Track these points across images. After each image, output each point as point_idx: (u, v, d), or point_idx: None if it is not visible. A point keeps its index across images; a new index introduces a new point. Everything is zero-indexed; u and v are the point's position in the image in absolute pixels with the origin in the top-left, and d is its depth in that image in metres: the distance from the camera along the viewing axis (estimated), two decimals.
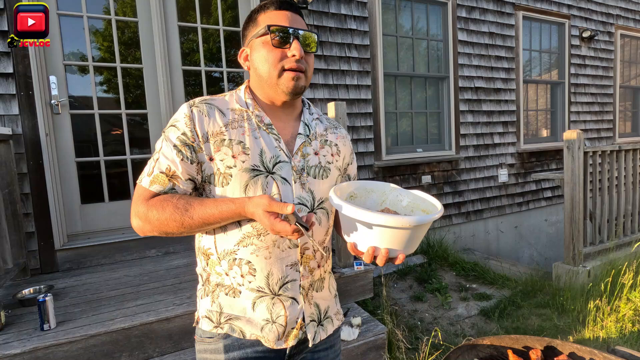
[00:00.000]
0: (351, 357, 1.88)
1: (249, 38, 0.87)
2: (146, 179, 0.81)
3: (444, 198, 4.13)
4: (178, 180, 0.81)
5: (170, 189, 0.81)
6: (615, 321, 2.34)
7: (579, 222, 2.91)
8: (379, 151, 3.69)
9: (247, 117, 0.86)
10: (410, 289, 3.23)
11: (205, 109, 0.83)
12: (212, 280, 0.88)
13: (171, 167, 0.80)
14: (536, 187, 4.87)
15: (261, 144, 0.84)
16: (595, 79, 5.40)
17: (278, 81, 0.83)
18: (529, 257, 4.82)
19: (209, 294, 0.88)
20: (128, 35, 2.80)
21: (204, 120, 0.81)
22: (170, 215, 0.77)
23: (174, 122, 0.82)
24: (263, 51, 0.83)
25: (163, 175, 0.80)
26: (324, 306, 0.94)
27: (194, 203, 0.78)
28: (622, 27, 5.61)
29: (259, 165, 0.82)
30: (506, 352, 1.12)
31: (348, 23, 3.47)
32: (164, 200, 0.78)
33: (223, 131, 0.82)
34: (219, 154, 0.81)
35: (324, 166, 0.91)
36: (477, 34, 4.26)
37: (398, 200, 0.89)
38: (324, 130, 0.96)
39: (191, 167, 0.81)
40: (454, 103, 4.13)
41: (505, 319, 2.66)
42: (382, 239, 0.71)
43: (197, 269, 0.93)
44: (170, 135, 0.81)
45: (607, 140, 5.63)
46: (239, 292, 0.85)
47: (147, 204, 0.79)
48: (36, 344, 1.58)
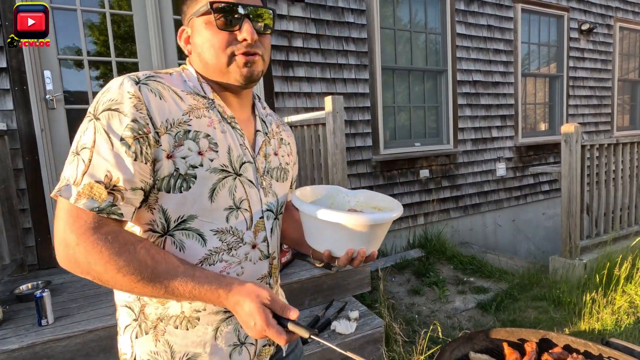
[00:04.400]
0: (349, 350, 1.90)
1: (189, 15, 0.70)
2: (72, 190, 0.56)
3: (442, 192, 4.14)
4: (121, 192, 0.58)
5: (109, 206, 0.57)
6: (610, 313, 2.36)
7: (576, 215, 2.92)
8: (376, 145, 3.69)
9: (208, 104, 0.69)
10: (408, 283, 3.25)
11: (159, 89, 0.63)
12: (149, 312, 0.68)
13: (112, 172, 0.57)
14: (534, 181, 4.88)
15: (229, 140, 0.69)
16: (593, 72, 5.38)
17: (228, 69, 0.68)
18: (526, 250, 4.84)
19: (148, 331, 0.68)
20: (124, 29, 2.77)
21: (159, 104, 0.62)
22: (128, 272, 0.56)
23: (113, 105, 0.59)
24: (206, 34, 0.67)
25: (100, 185, 0.57)
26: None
27: (163, 260, 0.59)
28: (621, 19, 5.58)
29: (228, 165, 0.68)
30: (501, 344, 1.12)
31: (345, 16, 3.44)
32: (124, 245, 0.57)
33: (186, 120, 0.64)
34: (181, 149, 0.63)
35: (283, 168, 0.82)
36: (475, 27, 4.23)
37: (345, 201, 0.87)
38: (276, 127, 0.86)
39: (145, 170, 0.60)
40: (452, 97, 4.12)
41: (502, 312, 2.67)
42: (361, 240, 0.69)
43: (119, 297, 0.71)
44: (112, 123, 0.58)
45: (605, 133, 5.63)
46: (196, 320, 0.68)
47: (92, 237, 0.56)
48: (34, 339, 1.58)
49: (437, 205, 4.10)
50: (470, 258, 3.61)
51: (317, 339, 0.60)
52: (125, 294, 0.69)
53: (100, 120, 0.59)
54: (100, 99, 0.60)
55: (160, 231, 0.65)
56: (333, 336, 1.91)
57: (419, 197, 3.98)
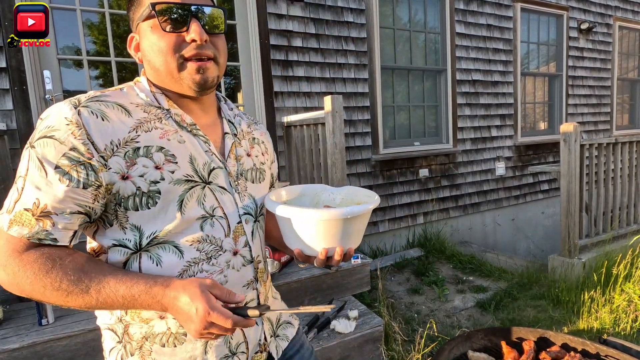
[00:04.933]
0: (348, 349, 1.90)
1: (135, 21, 0.67)
2: (4, 218, 0.58)
3: (442, 191, 4.15)
4: (51, 218, 0.57)
5: (40, 231, 0.57)
6: (609, 312, 2.37)
7: (575, 214, 2.93)
8: (376, 145, 3.69)
9: (162, 115, 0.66)
10: (407, 282, 3.26)
11: (101, 109, 0.61)
12: (133, 332, 0.66)
13: (41, 199, 0.56)
14: (533, 180, 4.89)
15: (189, 149, 0.67)
16: (593, 72, 5.39)
17: (180, 75, 0.65)
18: (525, 249, 4.85)
19: (133, 352, 0.66)
20: (123, 28, 2.77)
21: (102, 126, 0.59)
22: (51, 285, 0.56)
23: (48, 132, 0.57)
24: (153, 38, 0.64)
25: (27, 213, 0.57)
26: (275, 315, 0.85)
27: (93, 270, 0.59)
28: (620, 18, 5.59)
29: (193, 175, 0.66)
30: (500, 343, 1.13)
31: (345, 15, 3.44)
32: (48, 260, 0.57)
33: (133, 137, 0.61)
34: (135, 168, 0.61)
35: (259, 168, 0.80)
36: (475, 26, 4.23)
37: (331, 199, 0.86)
38: (247, 126, 0.83)
39: (84, 195, 0.58)
40: (451, 96, 4.12)
41: (501, 311, 2.68)
42: (334, 236, 0.66)
43: (102, 320, 0.70)
44: (46, 152, 0.56)
45: (604, 133, 5.64)
46: (184, 336, 0.66)
47: (18, 259, 0.57)
48: (35, 339, 1.59)
49: (437, 204, 4.11)
50: (469, 257, 3.62)
51: (271, 311, 0.64)
52: (107, 316, 0.69)
53: (35, 148, 0.57)
54: (38, 126, 0.59)
55: (133, 248, 0.63)
56: (332, 335, 1.92)
57: (418, 196, 3.99)
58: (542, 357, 1.04)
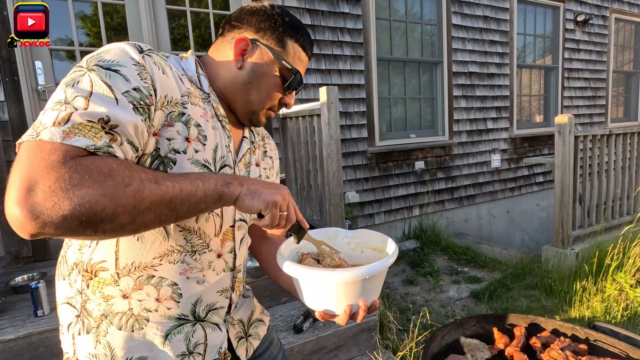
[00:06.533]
0: (343, 338, 1.92)
1: (264, 42, 0.70)
2: (52, 130, 0.46)
3: (437, 183, 4.16)
4: (119, 139, 0.51)
5: (106, 145, 0.49)
6: (600, 301, 2.41)
7: (569, 205, 2.95)
8: (372, 137, 3.69)
9: (204, 97, 0.67)
10: (403, 273, 3.28)
11: (161, 63, 0.59)
12: (91, 308, 0.62)
13: (111, 117, 0.50)
14: (528, 172, 4.91)
15: (217, 138, 0.67)
16: (588, 64, 5.39)
17: (253, 112, 0.73)
18: (520, 241, 4.90)
19: (89, 330, 0.62)
20: (117, 20, 2.73)
21: (162, 78, 0.58)
22: (135, 176, 0.49)
23: (112, 65, 0.53)
24: (268, 81, 0.70)
25: (96, 124, 0.48)
26: (247, 315, 0.83)
27: (156, 172, 0.54)
28: (616, 10, 5.58)
29: (211, 163, 0.65)
30: (491, 329, 1.15)
31: (340, 6, 3.42)
32: (112, 159, 0.49)
33: (184, 102, 0.61)
34: (169, 130, 0.58)
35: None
36: (471, 17, 4.21)
37: (345, 243, 0.83)
38: (261, 139, 0.85)
39: (142, 131, 0.54)
40: (447, 88, 4.12)
41: (495, 301, 2.72)
42: (356, 294, 0.64)
43: (60, 294, 0.66)
44: (115, 83, 0.52)
45: (599, 125, 5.67)
46: (145, 322, 0.63)
47: (70, 163, 0.44)
48: (30, 330, 1.59)
49: (432, 196, 4.13)
50: (464, 248, 3.65)
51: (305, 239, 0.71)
52: (66, 289, 0.64)
53: (95, 71, 0.52)
54: (92, 57, 0.54)
55: None
56: (328, 325, 1.94)
57: (414, 188, 4.00)
58: (532, 342, 1.06)
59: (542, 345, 1.04)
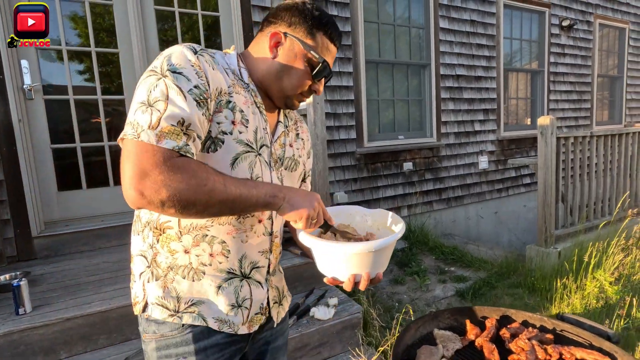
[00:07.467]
0: (326, 335, 1.94)
1: (294, 34, 0.80)
2: (148, 133, 0.62)
3: (425, 184, 4.21)
4: (193, 136, 0.66)
5: (185, 145, 0.64)
6: (580, 298, 2.46)
7: (551, 205, 3.01)
8: (360, 138, 3.73)
9: (245, 87, 0.79)
10: (390, 273, 3.31)
11: (212, 61, 0.72)
12: (160, 260, 0.77)
13: (185, 118, 0.65)
14: (515, 174, 4.99)
15: (257, 122, 0.79)
16: (574, 68, 5.51)
17: (287, 97, 0.83)
18: (507, 241, 4.96)
19: (158, 277, 0.77)
20: (109, 22, 2.73)
21: (213, 73, 0.71)
22: (210, 179, 0.65)
23: (177, 69, 0.67)
24: (299, 69, 0.80)
25: (177, 128, 0.64)
26: (281, 286, 0.97)
27: (225, 176, 0.69)
28: (601, 16, 5.71)
29: (253, 143, 0.78)
30: (464, 322, 1.18)
31: (329, 9, 3.46)
32: (196, 162, 0.66)
33: (230, 92, 0.74)
34: (219, 115, 0.72)
35: (295, 159, 0.92)
36: (458, 21, 4.29)
37: (363, 220, 0.93)
38: (294, 122, 0.96)
39: (205, 124, 0.69)
40: (435, 90, 4.18)
41: (479, 299, 2.76)
42: (362, 265, 0.74)
43: (135, 247, 0.81)
44: (181, 83, 0.66)
45: (584, 128, 5.78)
46: (202, 274, 0.77)
47: (168, 164, 0.62)
48: (11, 328, 1.59)
49: (421, 197, 4.18)
50: (452, 249, 3.70)
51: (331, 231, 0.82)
52: (140, 243, 0.79)
53: (168, 77, 0.66)
54: (163, 61, 0.67)
55: None
56: (312, 322, 1.96)
57: (402, 189, 4.04)
58: (502, 333, 1.09)
59: (510, 336, 1.07)
